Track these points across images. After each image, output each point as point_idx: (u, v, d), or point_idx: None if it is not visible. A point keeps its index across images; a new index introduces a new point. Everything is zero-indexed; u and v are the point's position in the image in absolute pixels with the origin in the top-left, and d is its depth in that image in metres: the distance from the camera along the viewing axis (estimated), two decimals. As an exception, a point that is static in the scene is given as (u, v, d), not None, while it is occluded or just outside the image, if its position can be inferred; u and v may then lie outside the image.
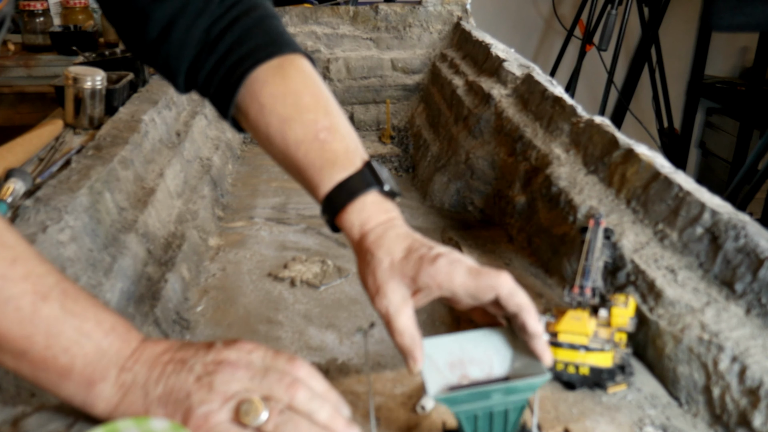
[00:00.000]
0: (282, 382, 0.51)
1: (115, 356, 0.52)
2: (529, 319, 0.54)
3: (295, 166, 0.64)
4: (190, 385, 0.50)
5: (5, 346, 0.50)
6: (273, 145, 0.65)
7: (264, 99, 0.64)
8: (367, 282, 0.59)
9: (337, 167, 0.62)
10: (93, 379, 0.51)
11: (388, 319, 0.56)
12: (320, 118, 0.64)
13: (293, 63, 0.66)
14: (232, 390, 0.50)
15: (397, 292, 0.57)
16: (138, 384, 0.51)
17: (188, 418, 0.49)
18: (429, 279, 0.56)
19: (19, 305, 0.49)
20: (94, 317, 0.52)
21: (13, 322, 0.49)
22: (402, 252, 0.58)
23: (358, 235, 0.61)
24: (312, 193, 0.64)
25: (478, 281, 0.55)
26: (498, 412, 0.52)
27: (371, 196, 0.61)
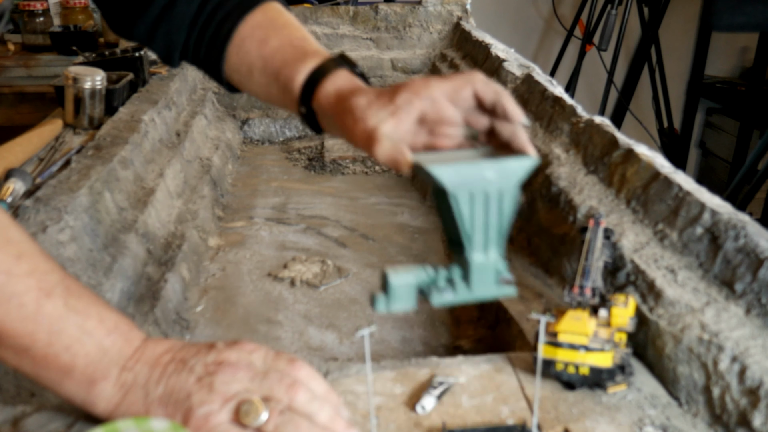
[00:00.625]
0: (282, 383, 0.51)
1: (116, 355, 0.52)
2: (508, 103, 0.56)
3: (273, 74, 0.67)
4: (191, 386, 0.50)
5: (7, 342, 0.50)
6: (253, 70, 0.68)
7: (244, 34, 0.69)
8: (345, 123, 0.60)
9: (311, 59, 0.65)
10: (94, 378, 0.51)
11: (370, 136, 0.57)
12: (294, 32, 0.69)
13: (268, 5, 0.72)
14: (233, 391, 0.50)
15: (376, 115, 0.57)
16: (139, 384, 0.51)
17: (188, 418, 0.49)
18: (407, 92, 0.57)
19: (23, 301, 0.49)
20: (97, 315, 0.52)
21: (16, 319, 0.49)
22: (376, 93, 0.60)
23: (334, 98, 0.62)
24: (289, 89, 0.65)
25: (453, 81, 0.57)
26: (493, 194, 0.51)
27: (344, 73, 0.64)
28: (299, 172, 1.56)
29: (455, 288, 0.54)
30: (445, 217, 0.53)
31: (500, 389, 0.62)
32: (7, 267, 0.50)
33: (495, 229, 0.53)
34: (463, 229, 0.52)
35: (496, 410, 0.60)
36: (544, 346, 0.61)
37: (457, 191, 0.51)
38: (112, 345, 0.52)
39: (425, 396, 0.60)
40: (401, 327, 0.94)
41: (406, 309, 0.53)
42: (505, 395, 0.62)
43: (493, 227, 0.53)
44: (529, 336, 0.77)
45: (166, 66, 0.78)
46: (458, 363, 0.66)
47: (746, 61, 3.19)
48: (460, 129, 0.59)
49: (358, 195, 1.42)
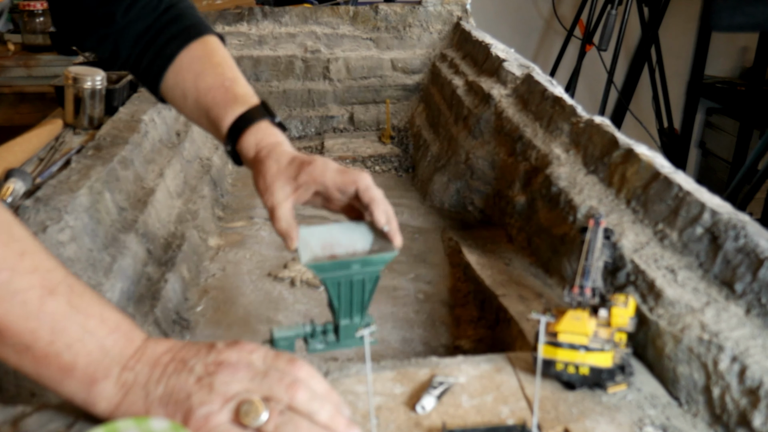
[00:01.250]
0: (282, 383, 0.51)
1: (117, 355, 0.52)
2: (377, 210, 0.68)
3: (205, 109, 0.78)
4: (191, 386, 0.50)
5: (9, 340, 0.50)
6: (187, 98, 0.80)
7: (184, 62, 0.81)
8: (258, 185, 0.71)
9: (238, 104, 0.76)
10: (95, 377, 0.51)
11: (273, 210, 0.69)
12: (226, 71, 0.80)
13: (208, 39, 0.83)
14: (233, 391, 0.50)
15: (281, 190, 0.69)
16: (139, 384, 0.51)
17: (189, 418, 0.49)
18: (306, 176, 0.69)
19: (26, 299, 0.49)
20: (98, 315, 0.52)
21: (19, 316, 0.49)
22: (287, 161, 0.71)
23: (254, 152, 0.74)
24: (217, 127, 0.77)
25: (344, 177, 0.69)
26: (357, 281, 0.65)
27: (264, 124, 0.76)
28: (299, 172, 1.56)
29: (327, 340, 0.67)
30: (325, 288, 0.66)
31: (500, 389, 0.62)
32: (11, 264, 0.50)
33: (358, 303, 0.66)
34: (333, 303, 0.66)
35: (496, 410, 0.60)
36: (544, 346, 0.61)
37: (327, 280, 0.64)
38: (113, 345, 0.52)
39: (425, 396, 0.60)
40: (401, 327, 0.94)
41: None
42: (505, 395, 0.62)
43: (357, 301, 0.66)
44: (529, 336, 0.77)
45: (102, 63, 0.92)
46: (458, 363, 0.66)
47: (746, 61, 3.19)
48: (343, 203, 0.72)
49: (358, 195, 1.42)
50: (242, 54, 1.80)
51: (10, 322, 0.49)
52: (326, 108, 1.84)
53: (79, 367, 0.50)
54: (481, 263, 1.00)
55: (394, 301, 1.01)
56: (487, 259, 1.02)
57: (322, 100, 1.84)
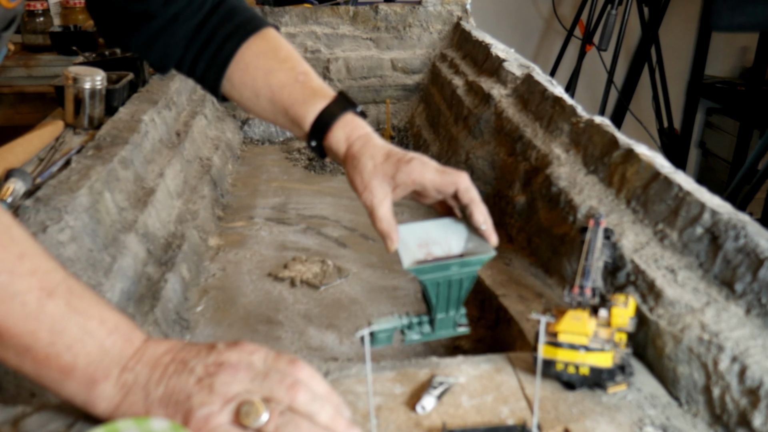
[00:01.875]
0: (283, 384, 0.51)
1: (117, 356, 0.52)
2: (476, 210, 0.69)
3: (282, 107, 0.77)
4: (191, 387, 0.50)
5: (9, 342, 0.50)
6: (260, 96, 0.78)
7: (248, 59, 0.78)
8: (355, 182, 0.71)
9: (317, 98, 0.75)
10: (95, 378, 0.51)
11: (373, 210, 0.69)
12: (297, 65, 0.78)
13: (267, 32, 0.81)
14: (233, 392, 0.50)
15: (380, 189, 0.70)
16: (139, 384, 0.51)
17: (189, 419, 0.49)
18: (405, 176, 0.69)
19: (25, 300, 0.49)
20: (98, 316, 0.52)
21: (18, 318, 0.49)
22: (382, 157, 0.71)
23: (345, 147, 0.73)
24: (299, 125, 0.76)
25: (444, 177, 0.70)
26: (455, 280, 0.65)
27: (349, 116, 0.74)
28: (299, 172, 1.56)
29: (423, 331, 0.68)
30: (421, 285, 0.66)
31: (500, 389, 0.62)
32: (10, 266, 0.50)
33: (455, 300, 0.67)
34: (430, 302, 0.67)
35: (496, 410, 0.60)
36: (544, 346, 0.61)
37: (426, 281, 0.65)
38: (112, 345, 0.52)
39: (425, 396, 0.60)
40: (401, 327, 0.94)
41: (386, 345, 0.67)
42: (505, 395, 0.62)
43: (454, 299, 0.67)
44: (529, 336, 0.77)
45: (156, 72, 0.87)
46: (458, 363, 0.66)
47: (746, 61, 3.19)
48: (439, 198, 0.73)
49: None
50: (242, 54, 1.80)
51: (9, 324, 0.49)
52: (326, 108, 1.84)
53: (79, 367, 0.50)
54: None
55: (394, 301, 1.01)
56: (487, 259, 1.02)
57: (322, 100, 1.83)
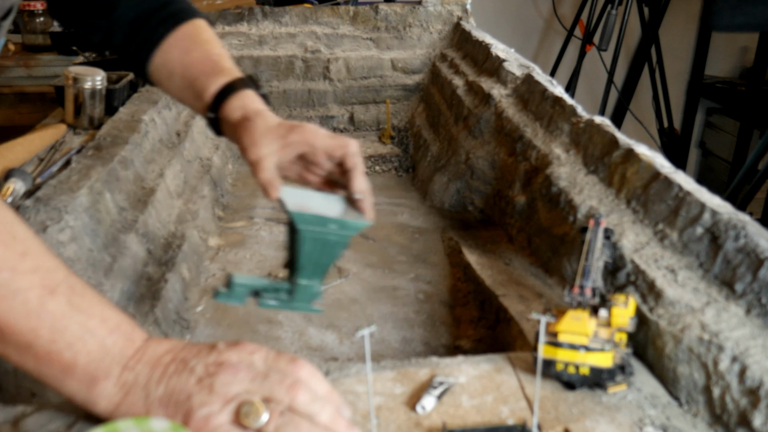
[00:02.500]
0: (283, 384, 0.51)
1: (118, 355, 0.51)
2: (357, 177, 0.71)
3: (190, 80, 0.80)
4: (191, 387, 0.50)
5: (11, 339, 0.50)
6: (174, 74, 0.81)
7: (172, 42, 0.82)
8: (243, 141, 0.72)
9: (224, 74, 0.78)
10: (96, 376, 0.51)
11: (258, 161, 0.70)
12: (213, 48, 0.82)
13: (197, 22, 0.85)
14: (233, 392, 0.50)
15: (268, 146, 0.71)
16: (140, 384, 0.51)
17: (189, 419, 0.49)
18: (297, 136, 0.72)
19: (27, 298, 0.50)
20: (99, 314, 0.52)
21: (19, 315, 0.49)
22: (276, 122, 0.73)
23: (239, 114, 0.75)
24: (201, 97, 0.78)
25: (334, 140, 0.72)
26: (329, 241, 0.67)
27: (250, 92, 0.77)
28: (299, 172, 1.56)
29: (280, 297, 0.69)
30: (290, 245, 0.68)
31: (500, 389, 0.62)
32: (12, 264, 0.50)
33: (323, 265, 0.68)
34: (299, 260, 0.67)
35: (496, 410, 0.60)
36: (545, 346, 0.61)
37: (305, 232, 0.66)
38: (113, 344, 0.52)
39: (425, 396, 0.60)
40: (401, 327, 0.94)
41: (238, 304, 0.68)
42: (505, 395, 0.62)
43: (322, 264, 0.68)
44: (529, 336, 0.77)
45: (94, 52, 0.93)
46: (458, 363, 0.66)
47: (746, 61, 3.19)
48: (324, 171, 0.74)
49: (358, 195, 1.42)
50: (242, 54, 1.80)
51: (11, 321, 0.49)
52: (326, 108, 1.84)
53: (80, 366, 0.50)
54: (481, 263, 1.00)
55: (394, 301, 1.01)
56: (487, 259, 1.02)
57: (322, 100, 1.84)
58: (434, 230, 1.24)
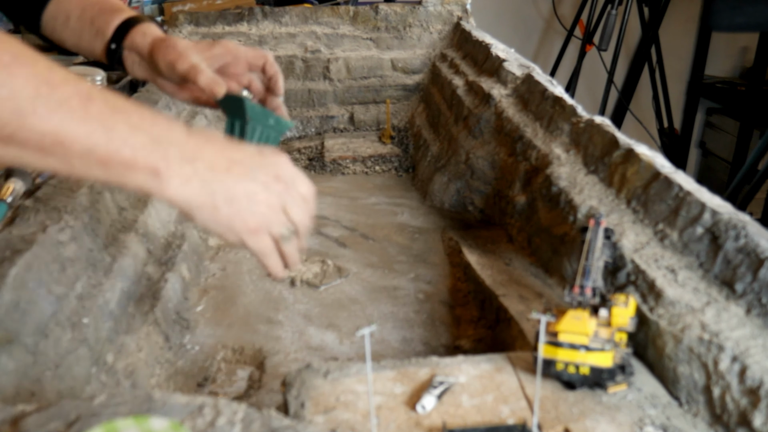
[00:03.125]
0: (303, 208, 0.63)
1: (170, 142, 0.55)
2: (280, 81, 0.81)
3: (89, 19, 0.80)
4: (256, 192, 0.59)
5: (72, 150, 0.52)
6: (71, 17, 0.81)
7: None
8: (165, 57, 0.76)
9: (125, 12, 0.80)
10: (157, 167, 0.54)
11: (193, 69, 0.74)
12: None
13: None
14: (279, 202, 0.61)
15: (196, 56, 0.76)
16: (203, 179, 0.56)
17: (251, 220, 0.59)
18: (221, 48, 0.79)
19: (71, 106, 0.52)
20: (137, 111, 0.55)
21: (72, 122, 0.51)
22: (193, 41, 0.79)
23: (150, 40, 0.78)
24: (103, 33, 0.80)
25: (255, 50, 0.81)
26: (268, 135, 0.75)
27: (154, 26, 0.80)
28: (299, 172, 1.56)
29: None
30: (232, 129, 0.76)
31: (500, 389, 0.62)
32: (46, 78, 0.51)
33: None
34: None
35: (496, 410, 0.60)
36: (545, 345, 0.61)
37: (254, 122, 0.74)
38: (160, 132, 0.55)
39: (425, 396, 0.60)
40: (401, 327, 0.94)
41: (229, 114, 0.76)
42: (506, 395, 0.62)
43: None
44: (530, 336, 0.77)
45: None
46: (458, 363, 0.66)
47: (746, 61, 3.19)
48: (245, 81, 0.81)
49: (358, 195, 1.42)
50: (242, 54, 1.80)
51: (68, 131, 0.51)
52: (326, 108, 1.84)
53: (140, 159, 0.54)
54: (481, 263, 1.00)
55: (394, 301, 1.01)
56: (487, 259, 1.02)
57: (322, 100, 1.84)
58: (434, 230, 1.24)
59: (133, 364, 0.76)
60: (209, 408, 0.50)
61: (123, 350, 0.77)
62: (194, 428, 0.50)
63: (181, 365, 0.85)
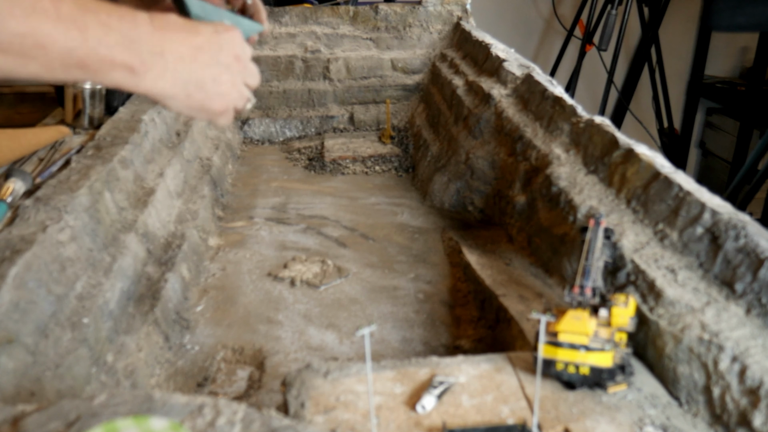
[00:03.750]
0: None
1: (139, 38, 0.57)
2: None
3: None
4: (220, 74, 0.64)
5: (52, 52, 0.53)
6: None
7: None
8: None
9: None
10: (132, 64, 0.57)
11: None
12: None
13: None
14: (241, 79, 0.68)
15: None
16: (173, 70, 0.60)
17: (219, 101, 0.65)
18: None
19: (44, 8, 0.52)
20: (103, 10, 0.56)
21: (48, 24, 0.52)
22: None
23: None
24: None
25: None
26: None
27: None
28: (299, 172, 1.56)
29: None
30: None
31: (500, 389, 0.62)
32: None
33: None
34: None
35: (496, 410, 0.60)
36: (545, 345, 0.61)
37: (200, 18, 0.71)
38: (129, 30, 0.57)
39: (425, 395, 0.60)
40: (401, 327, 0.94)
41: None
42: (505, 395, 0.62)
43: None
44: (529, 336, 0.77)
45: None
46: (458, 363, 0.66)
47: (746, 61, 3.19)
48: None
49: (358, 195, 1.42)
50: (242, 54, 1.80)
51: (45, 32, 0.52)
52: (326, 108, 1.84)
53: (117, 58, 0.56)
54: (481, 263, 1.00)
55: (394, 301, 1.01)
56: (487, 259, 1.02)
57: (322, 100, 1.84)
58: (434, 230, 1.24)
59: (133, 364, 0.76)
60: (209, 408, 0.50)
61: (123, 350, 0.77)
62: (194, 428, 0.50)
63: (181, 365, 0.85)
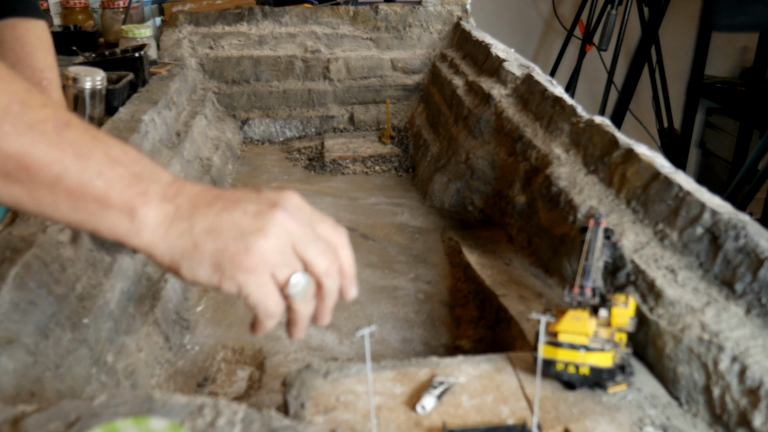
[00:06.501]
0: (326, 255, 0.51)
1: (150, 178, 0.49)
2: None
3: None
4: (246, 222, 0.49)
5: (40, 176, 0.47)
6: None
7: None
8: None
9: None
10: (134, 205, 0.48)
11: None
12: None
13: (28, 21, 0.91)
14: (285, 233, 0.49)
15: None
16: (182, 216, 0.48)
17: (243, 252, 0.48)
18: None
19: (44, 129, 0.47)
20: (119, 145, 0.50)
21: (42, 146, 0.47)
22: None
23: None
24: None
25: None
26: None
27: None
28: (299, 172, 1.56)
29: None
30: None
31: (500, 389, 0.62)
32: (21, 97, 0.48)
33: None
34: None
35: (496, 410, 0.60)
36: (545, 346, 0.61)
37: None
38: (142, 170, 0.49)
39: (425, 396, 0.60)
40: (401, 327, 0.94)
41: None
42: (505, 395, 0.62)
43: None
44: (529, 336, 0.77)
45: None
46: (458, 363, 0.66)
47: (746, 61, 3.19)
48: None
49: (358, 195, 1.42)
50: (242, 54, 1.80)
51: (34, 155, 0.47)
52: (326, 108, 1.84)
53: (114, 193, 0.48)
54: (481, 263, 1.00)
55: (394, 301, 1.01)
56: (487, 259, 1.02)
57: (322, 100, 1.84)
58: (434, 230, 1.24)
59: (133, 365, 0.76)
60: (209, 408, 0.50)
61: (123, 350, 0.77)
62: (194, 428, 0.50)
63: (181, 365, 0.85)
